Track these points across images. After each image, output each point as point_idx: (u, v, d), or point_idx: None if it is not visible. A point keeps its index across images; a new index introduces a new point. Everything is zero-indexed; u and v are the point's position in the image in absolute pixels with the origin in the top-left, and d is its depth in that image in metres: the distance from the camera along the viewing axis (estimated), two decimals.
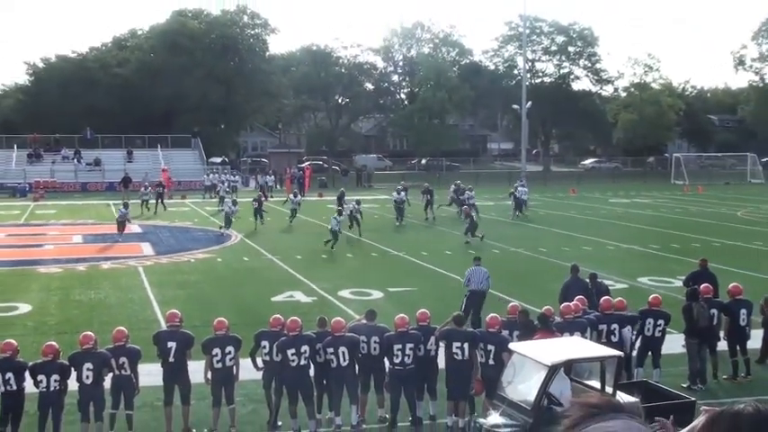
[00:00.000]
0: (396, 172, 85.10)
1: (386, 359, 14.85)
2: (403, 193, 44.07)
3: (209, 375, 14.34)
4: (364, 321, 15.46)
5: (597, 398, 2.04)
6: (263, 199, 46.22)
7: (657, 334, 16.49)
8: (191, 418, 14.40)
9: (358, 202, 40.52)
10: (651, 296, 17.61)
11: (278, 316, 15.19)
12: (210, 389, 14.40)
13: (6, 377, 13.46)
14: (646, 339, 16.53)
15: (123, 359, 14.02)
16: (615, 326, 15.94)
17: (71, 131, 78.20)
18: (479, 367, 14.67)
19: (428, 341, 14.95)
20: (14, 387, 13.50)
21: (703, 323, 16.95)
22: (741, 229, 42.13)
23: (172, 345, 14.40)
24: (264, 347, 14.52)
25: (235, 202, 40.03)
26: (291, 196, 46.68)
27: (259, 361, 14.74)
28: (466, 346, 14.61)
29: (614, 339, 15.68)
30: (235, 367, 14.44)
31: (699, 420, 2.38)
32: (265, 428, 14.66)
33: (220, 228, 38.98)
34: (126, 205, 39.34)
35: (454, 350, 14.65)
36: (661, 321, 16.54)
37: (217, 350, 14.35)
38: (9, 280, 28.76)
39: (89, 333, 14.36)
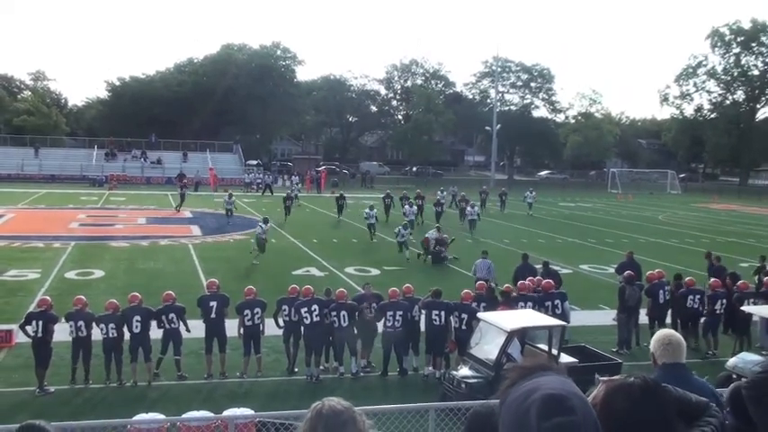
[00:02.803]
0: (392, 176, 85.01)
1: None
2: (374, 211, 34.78)
3: (242, 331, 14.40)
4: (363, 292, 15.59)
5: (530, 362, 2.05)
6: (293, 198, 44.47)
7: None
8: (226, 363, 14.43)
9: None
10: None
11: (294, 286, 15.31)
12: (242, 341, 14.44)
13: (78, 325, 13.63)
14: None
15: (172, 315, 14.12)
16: (558, 301, 16.01)
17: (139, 136, 78.16)
18: (453, 331, 14.75)
19: (413, 309, 15.03)
20: (84, 333, 13.66)
21: (632, 302, 16.98)
22: (661, 229, 42.19)
23: (213, 304, 14.50)
24: (284, 310, 14.67)
25: (266, 221, 29.59)
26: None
27: (280, 321, 14.80)
28: (442, 313, 14.70)
29: (558, 312, 15.75)
30: (261, 325, 14.49)
31: (598, 389, 2.34)
32: (285, 374, 14.68)
33: (251, 252, 28.36)
34: (230, 195, 39.78)
35: (433, 317, 14.72)
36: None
37: (247, 311, 14.42)
38: (88, 251, 28.75)
39: (136, 293, 14.41)
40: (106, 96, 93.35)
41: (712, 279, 17.66)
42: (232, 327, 14.55)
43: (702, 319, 16.84)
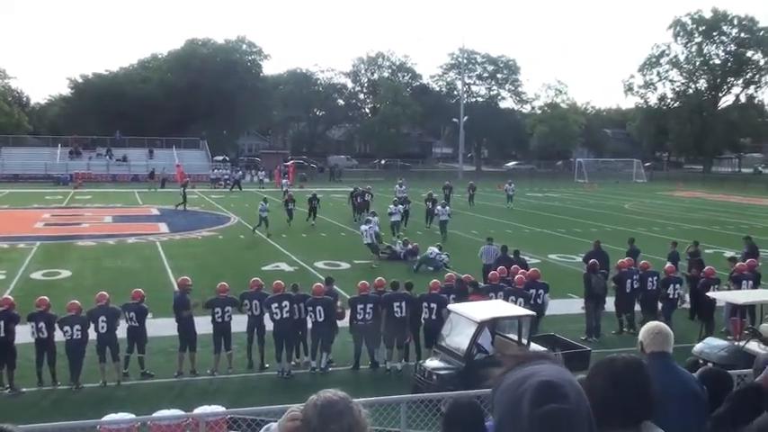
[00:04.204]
0: (360, 169, 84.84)
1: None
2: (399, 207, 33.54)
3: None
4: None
5: (526, 351, 2.07)
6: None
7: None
8: (196, 361, 14.35)
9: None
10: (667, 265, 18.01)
11: (256, 279, 15.28)
12: (212, 338, 14.36)
13: (39, 326, 13.43)
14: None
15: (132, 314, 14.06)
16: (541, 291, 16.14)
17: (104, 134, 77.16)
18: (417, 321, 14.83)
19: (391, 302, 15.06)
20: (45, 335, 13.46)
21: (599, 290, 17.16)
22: (628, 218, 42.62)
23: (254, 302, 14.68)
24: (246, 304, 14.64)
25: (374, 214, 30.12)
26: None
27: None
28: (403, 304, 14.74)
29: (539, 302, 15.91)
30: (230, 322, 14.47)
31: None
32: (255, 370, 14.63)
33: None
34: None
35: (394, 309, 14.77)
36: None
37: (218, 308, 14.33)
38: (54, 251, 28.38)
39: (104, 293, 14.25)
40: (69, 94, 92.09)
41: (667, 264, 18.05)
42: (202, 323, 14.47)
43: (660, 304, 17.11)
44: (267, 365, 14.60)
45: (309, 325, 14.70)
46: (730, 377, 4.78)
